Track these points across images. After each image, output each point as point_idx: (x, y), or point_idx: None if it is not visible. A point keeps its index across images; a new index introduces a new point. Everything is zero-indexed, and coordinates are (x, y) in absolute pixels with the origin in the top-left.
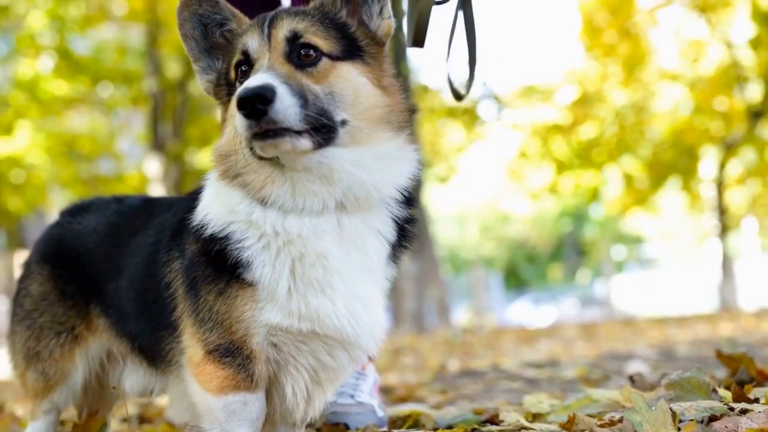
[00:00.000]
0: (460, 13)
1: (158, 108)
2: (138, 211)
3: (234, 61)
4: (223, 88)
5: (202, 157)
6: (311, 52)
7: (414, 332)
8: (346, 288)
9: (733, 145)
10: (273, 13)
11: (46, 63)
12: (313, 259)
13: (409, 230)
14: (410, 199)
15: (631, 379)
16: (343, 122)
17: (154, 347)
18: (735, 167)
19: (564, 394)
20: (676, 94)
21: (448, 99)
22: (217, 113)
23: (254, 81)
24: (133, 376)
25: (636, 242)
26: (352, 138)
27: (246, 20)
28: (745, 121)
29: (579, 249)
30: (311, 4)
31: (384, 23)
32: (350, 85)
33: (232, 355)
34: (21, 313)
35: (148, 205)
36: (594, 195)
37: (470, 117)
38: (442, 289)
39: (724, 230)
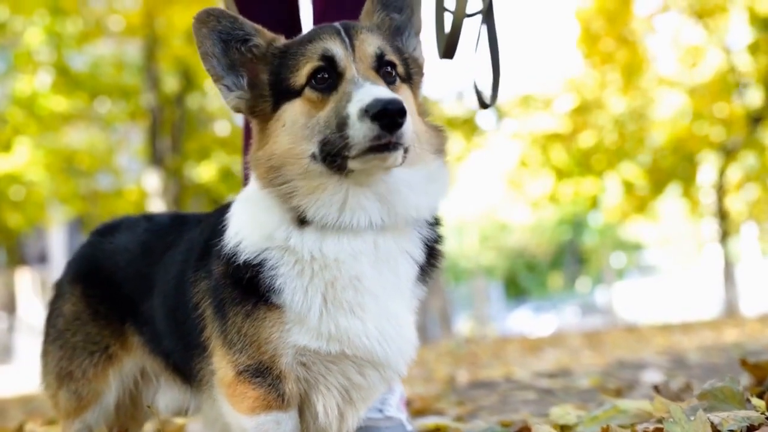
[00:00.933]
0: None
1: (156, 123)
2: (168, 227)
3: (309, 66)
4: (267, 98)
5: (201, 171)
6: (390, 69)
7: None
8: (378, 308)
9: (733, 150)
10: (344, 23)
11: (43, 79)
12: (345, 282)
13: (437, 250)
14: (437, 219)
15: (656, 389)
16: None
17: (186, 365)
18: (735, 172)
19: (585, 405)
20: (675, 101)
21: (448, 109)
22: (216, 127)
23: (382, 93)
24: (167, 395)
25: (635, 249)
26: (408, 160)
27: (271, 34)
28: (744, 126)
29: (578, 257)
30: (364, 22)
31: (422, 57)
32: (412, 106)
33: (263, 375)
34: (53, 333)
35: (178, 221)
36: (593, 203)
37: (469, 127)
38: (443, 299)
39: (724, 235)
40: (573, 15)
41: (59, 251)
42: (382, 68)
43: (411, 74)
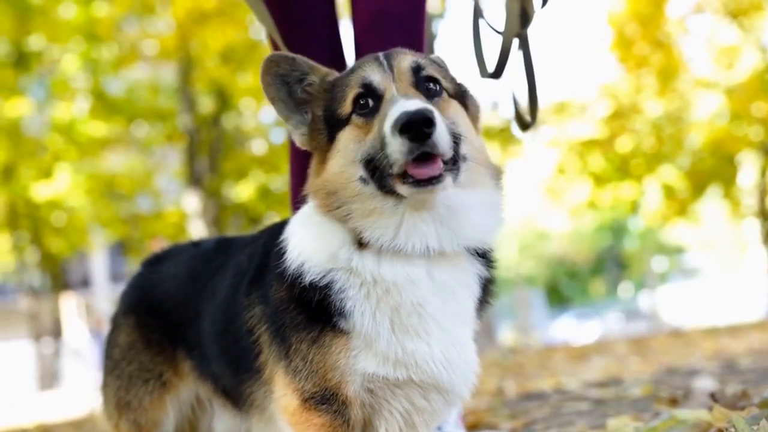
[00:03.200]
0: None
1: (194, 144)
2: (214, 252)
3: (352, 94)
4: (322, 131)
5: (240, 191)
6: (433, 84)
7: None
8: (442, 333)
9: None
10: (389, 50)
11: (81, 105)
12: (409, 308)
13: (490, 287)
14: (492, 257)
15: (713, 397)
16: (464, 157)
17: (235, 390)
18: None
19: (640, 415)
20: (712, 102)
21: (484, 120)
22: (253, 146)
23: (410, 105)
24: (222, 421)
25: (677, 252)
26: (468, 178)
27: (325, 70)
28: None
29: (620, 262)
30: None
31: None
32: (465, 122)
33: (328, 402)
34: (110, 364)
35: (224, 245)
36: (633, 207)
37: (505, 136)
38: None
39: (767, 236)
40: (606, 20)
41: (102, 275)
42: (422, 83)
43: (467, 103)
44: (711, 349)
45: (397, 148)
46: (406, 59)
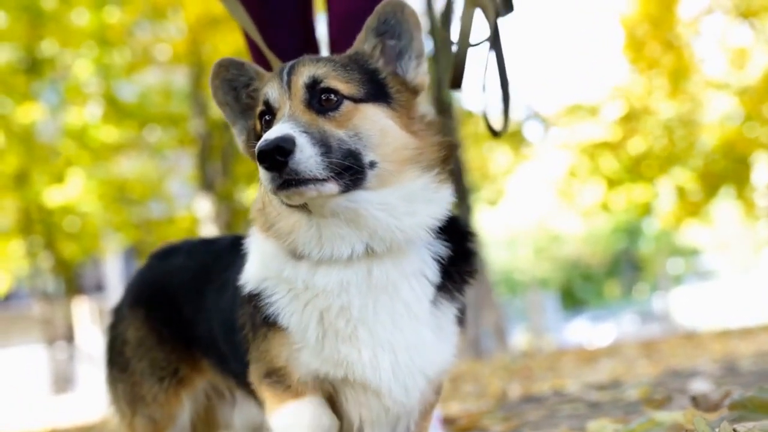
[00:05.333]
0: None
1: (205, 148)
2: (227, 250)
3: (257, 111)
4: (253, 143)
5: (251, 195)
6: (332, 96)
7: (472, 358)
8: (371, 338)
9: None
10: (293, 61)
11: (93, 110)
12: (336, 312)
13: (460, 262)
14: (456, 230)
15: (694, 399)
16: (372, 164)
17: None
18: None
19: (627, 418)
20: (724, 103)
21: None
22: None
23: (273, 132)
24: (242, 412)
25: (692, 254)
26: (381, 180)
27: (268, 76)
28: None
29: (635, 264)
30: (345, 53)
31: (419, 78)
32: (376, 126)
33: (281, 382)
34: (120, 360)
35: (238, 243)
36: (646, 209)
37: (516, 139)
38: (497, 313)
39: None
40: (617, 22)
41: (115, 280)
42: (317, 97)
43: (388, 93)
44: (719, 352)
45: (262, 175)
46: (303, 74)
